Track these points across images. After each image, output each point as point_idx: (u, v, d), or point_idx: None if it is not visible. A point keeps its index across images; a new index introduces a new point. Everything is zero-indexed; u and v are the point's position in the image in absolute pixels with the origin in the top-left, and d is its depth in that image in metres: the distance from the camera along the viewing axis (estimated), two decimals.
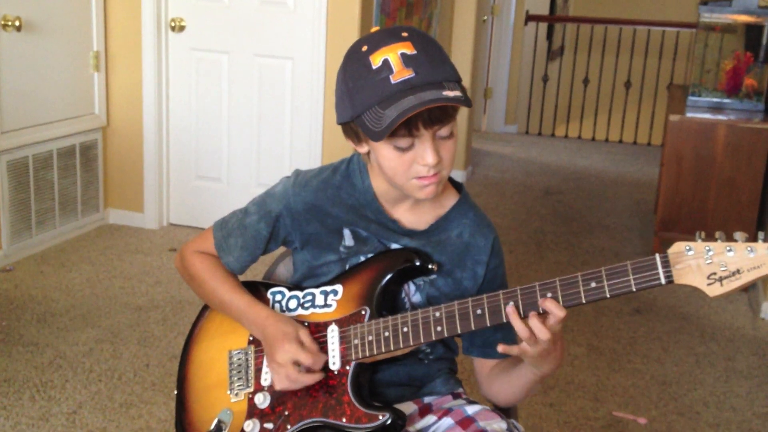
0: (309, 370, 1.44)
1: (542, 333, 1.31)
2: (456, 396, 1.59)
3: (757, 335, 3.62)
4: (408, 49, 1.34)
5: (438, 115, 1.35)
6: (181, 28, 4.37)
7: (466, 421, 1.48)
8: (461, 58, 5.74)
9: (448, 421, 1.51)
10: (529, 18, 7.71)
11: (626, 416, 2.89)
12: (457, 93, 1.33)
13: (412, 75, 1.33)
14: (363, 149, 1.46)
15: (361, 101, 1.36)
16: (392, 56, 1.34)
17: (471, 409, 1.51)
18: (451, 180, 1.56)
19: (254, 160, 4.44)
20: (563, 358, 1.42)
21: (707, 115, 4.28)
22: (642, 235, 4.95)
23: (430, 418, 1.54)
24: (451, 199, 1.55)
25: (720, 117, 4.23)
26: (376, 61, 1.34)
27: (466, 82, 5.67)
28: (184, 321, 3.39)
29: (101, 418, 2.68)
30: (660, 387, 3.12)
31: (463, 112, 5.72)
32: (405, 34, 1.36)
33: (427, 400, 1.57)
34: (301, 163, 4.30)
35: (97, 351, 3.12)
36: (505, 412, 1.59)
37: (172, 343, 3.21)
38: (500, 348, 1.37)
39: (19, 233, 3.95)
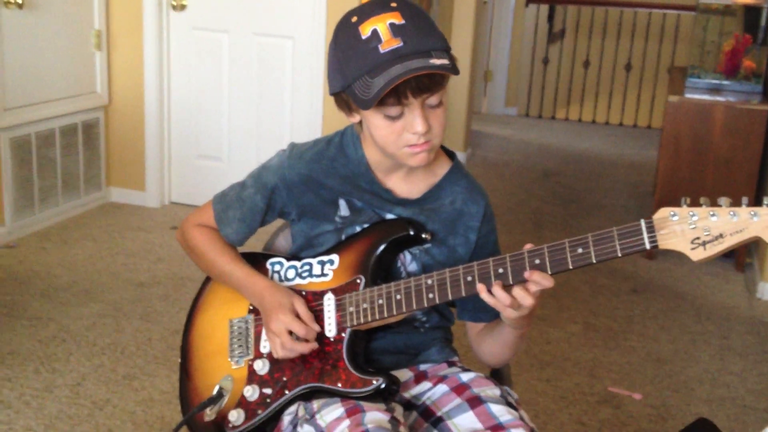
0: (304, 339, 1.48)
1: (525, 299, 1.34)
2: (451, 364, 1.62)
3: (753, 314, 3.66)
4: (396, 19, 1.37)
5: (426, 84, 1.37)
6: (182, 7, 4.39)
7: (460, 388, 1.52)
8: (461, 41, 5.75)
9: (443, 387, 1.54)
10: (530, 0, 7.70)
11: (622, 392, 2.94)
12: (444, 61, 1.36)
13: (401, 44, 1.36)
14: (355, 119, 1.49)
15: (351, 71, 1.39)
16: (381, 26, 1.37)
17: (465, 376, 1.55)
18: (443, 148, 1.60)
19: (254, 139, 4.46)
20: (536, 314, 1.45)
21: (706, 97, 4.30)
22: (640, 215, 4.92)
23: (425, 385, 1.57)
24: (443, 168, 1.58)
25: (718, 98, 4.25)
26: (365, 31, 1.38)
27: (466, 63, 5.69)
28: (185, 297, 3.42)
29: (104, 389, 2.72)
30: (655, 364, 3.16)
31: (462, 95, 5.74)
32: (394, 5, 1.39)
33: (422, 367, 1.60)
34: (301, 141, 4.32)
35: (100, 325, 3.16)
36: (499, 379, 1.63)
37: (174, 318, 3.25)
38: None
39: (22, 210, 3.98)
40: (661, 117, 7.51)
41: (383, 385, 1.43)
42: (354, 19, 1.40)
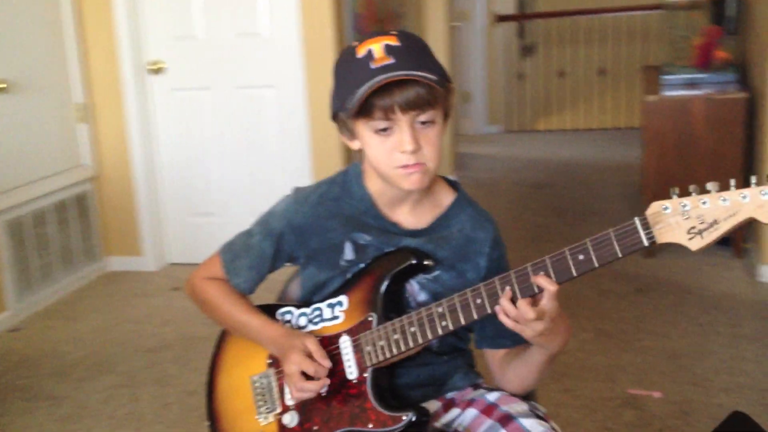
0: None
1: (527, 313, 1.34)
2: (476, 387, 1.63)
3: (758, 299, 3.68)
4: (393, 41, 1.43)
5: (414, 100, 1.40)
6: (161, 70, 4.44)
7: (489, 408, 1.53)
8: None
9: (472, 411, 1.55)
10: (498, 19, 7.80)
11: (641, 392, 2.95)
12: (431, 75, 1.40)
13: (392, 61, 1.40)
14: (355, 145, 1.52)
15: (344, 88, 1.44)
16: (376, 46, 1.41)
17: (492, 396, 1.56)
18: (447, 180, 1.62)
19: (248, 191, 4.49)
20: (569, 333, 1.45)
21: (683, 92, 4.35)
22: (633, 215, 4.99)
23: (454, 411, 1.58)
24: (448, 198, 1.60)
25: (696, 92, 4.30)
26: (361, 51, 1.43)
27: None
28: (197, 357, 3.43)
29: None
30: (670, 360, 3.18)
31: None
32: (394, 32, 1.45)
33: (449, 395, 1.62)
34: (292, 186, 4.35)
35: (116, 397, 3.16)
36: (523, 397, 1.65)
37: (188, 380, 3.25)
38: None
39: (22, 291, 3.99)
40: (638, 116, 7.60)
41: (414, 418, 1.44)
42: (354, 43, 1.46)
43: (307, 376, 1.49)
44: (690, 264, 4.13)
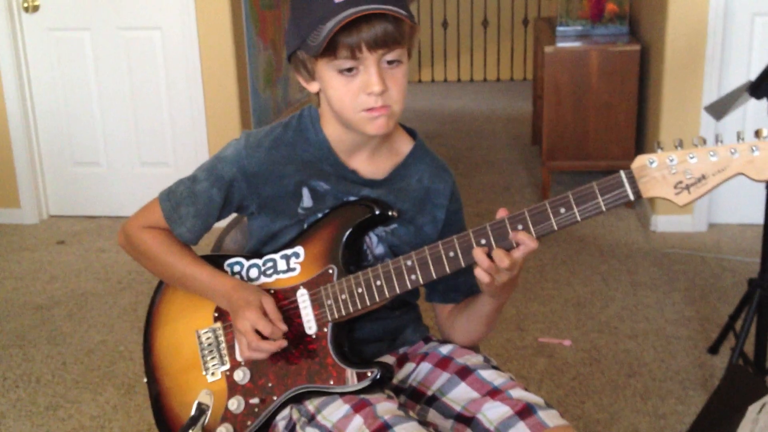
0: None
1: (503, 262, 1.29)
2: (427, 340, 1.59)
3: (652, 247, 3.80)
4: None
5: (382, 37, 1.31)
6: (35, 8, 4.11)
7: (443, 362, 1.49)
8: None
9: (426, 365, 1.51)
10: None
11: (551, 341, 2.99)
12: (401, 10, 1.31)
13: None
14: (313, 87, 1.42)
15: (305, 24, 1.33)
16: None
17: (445, 349, 1.53)
18: (404, 127, 1.54)
19: (133, 140, 4.26)
20: (517, 283, 1.42)
21: (577, 44, 4.41)
22: (526, 166, 5.09)
23: (409, 366, 1.53)
24: (407, 146, 1.53)
25: (589, 44, 4.36)
26: None
27: None
28: (91, 314, 3.24)
29: (29, 424, 2.54)
30: (575, 308, 3.24)
31: None
32: None
33: (402, 350, 1.57)
34: (185, 140, 4.17)
35: (6, 357, 2.95)
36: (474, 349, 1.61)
37: (84, 338, 3.07)
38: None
39: None
40: (522, 69, 7.71)
41: (378, 376, 1.38)
42: None
43: (261, 336, 1.39)
44: None
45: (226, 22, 4.02)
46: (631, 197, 1.26)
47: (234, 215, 1.58)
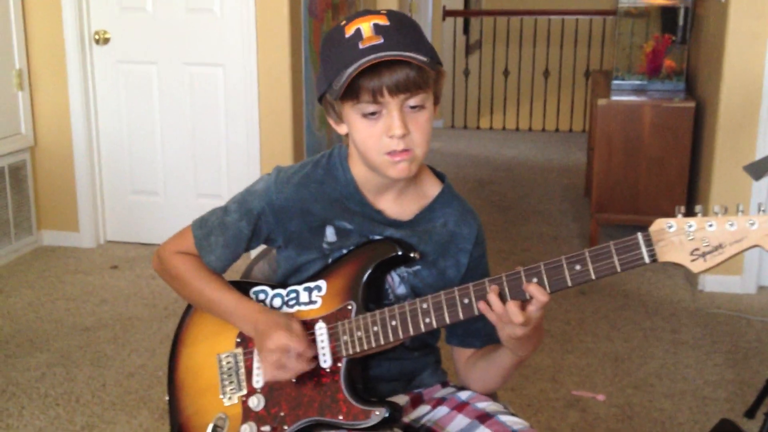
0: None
1: (516, 316, 1.31)
2: (444, 385, 1.61)
3: (698, 307, 3.75)
4: (382, 20, 1.37)
5: (403, 83, 1.35)
6: (106, 41, 4.29)
7: (461, 406, 1.51)
8: None
9: (443, 409, 1.53)
10: (447, 13, 7.79)
11: (585, 394, 2.97)
12: (422, 57, 1.35)
13: (381, 41, 1.35)
14: (342, 129, 1.47)
15: (332, 68, 1.38)
16: (365, 25, 1.36)
17: (464, 395, 1.54)
18: (434, 170, 1.58)
19: (191, 171, 4.39)
20: (541, 341, 1.44)
21: (632, 98, 4.41)
22: (576, 218, 5.07)
23: (423, 408, 1.55)
24: (434, 189, 1.56)
25: (644, 99, 4.37)
26: (349, 30, 1.38)
27: None
28: (135, 338, 3.32)
29: None
30: (613, 363, 3.21)
31: None
32: (383, 11, 1.40)
33: (417, 390, 1.59)
34: (239, 174, 4.27)
35: (50, 375, 3.04)
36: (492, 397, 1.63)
37: (126, 362, 3.15)
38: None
39: None
40: (581, 120, 7.70)
41: (387, 415, 1.41)
42: (342, 22, 1.41)
43: None
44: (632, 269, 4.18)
45: (285, 62, 4.14)
46: (647, 260, 1.26)
47: (263, 246, 1.64)
